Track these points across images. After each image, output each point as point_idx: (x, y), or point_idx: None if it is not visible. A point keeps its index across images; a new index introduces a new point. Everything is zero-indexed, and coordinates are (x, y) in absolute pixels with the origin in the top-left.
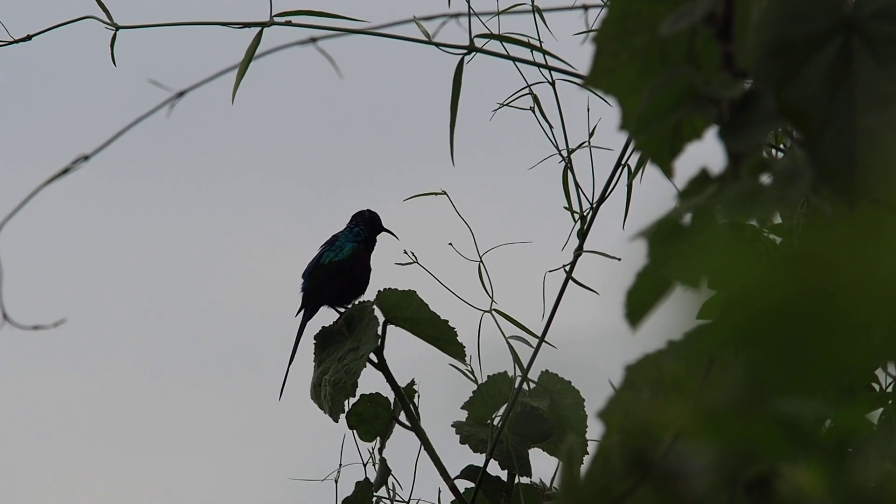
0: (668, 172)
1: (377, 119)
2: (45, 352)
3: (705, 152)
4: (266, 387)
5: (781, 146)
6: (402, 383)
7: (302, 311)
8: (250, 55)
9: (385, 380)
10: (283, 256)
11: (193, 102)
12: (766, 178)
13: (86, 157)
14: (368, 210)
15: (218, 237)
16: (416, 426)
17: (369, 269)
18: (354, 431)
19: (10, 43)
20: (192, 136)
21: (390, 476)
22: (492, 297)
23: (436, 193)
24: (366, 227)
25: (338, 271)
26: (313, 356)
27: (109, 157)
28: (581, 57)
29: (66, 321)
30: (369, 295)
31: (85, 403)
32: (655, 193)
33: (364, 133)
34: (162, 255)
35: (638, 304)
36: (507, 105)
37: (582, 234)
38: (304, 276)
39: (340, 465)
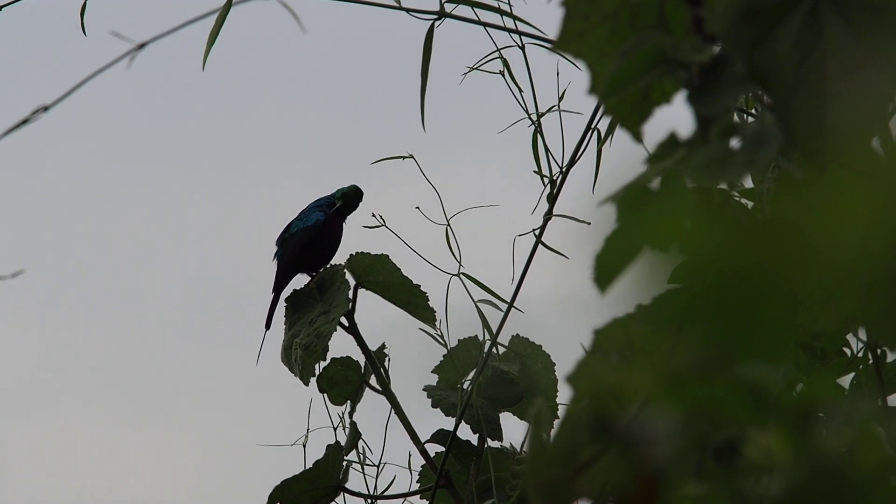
0: (637, 136)
1: (347, 84)
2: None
3: (674, 116)
4: (235, 352)
5: (752, 111)
6: (373, 347)
7: (275, 280)
8: (223, 17)
9: (356, 343)
10: (258, 217)
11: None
12: (735, 143)
13: (45, 108)
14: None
15: (192, 195)
16: (386, 390)
17: (339, 235)
18: (325, 395)
19: None
20: (156, 89)
21: (360, 440)
22: (460, 262)
23: (402, 157)
24: (332, 201)
25: (304, 238)
26: (284, 319)
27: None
28: (551, 21)
29: (23, 272)
30: (341, 258)
31: (53, 363)
32: (625, 158)
33: (334, 98)
34: (135, 210)
35: (607, 269)
36: (476, 69)
37: (551, 198)
38: (277, 244)
39: (308, 429)
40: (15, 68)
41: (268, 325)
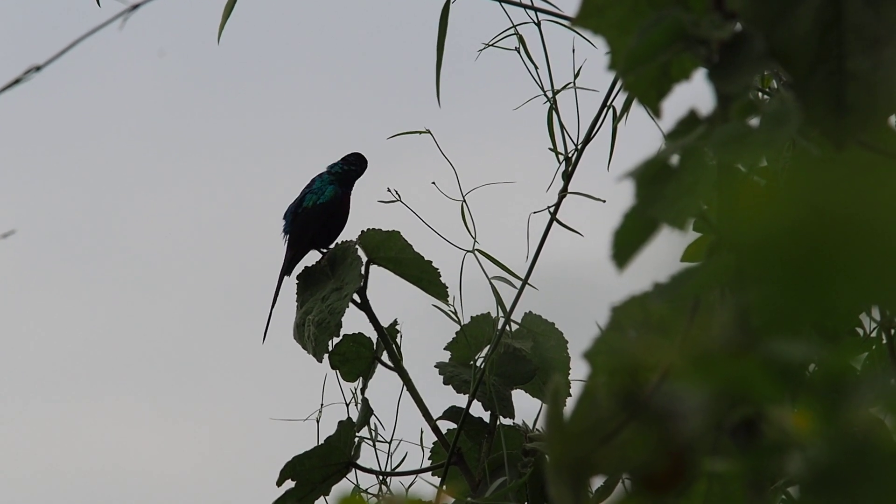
0: (656, 113)
1: (363, 59)
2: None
3: (694, 93)
4: (248, 328)
5: (769, 89)
6: (385, 323)
7: (286, 255)
8: None
9: (368, 320)
10: (271, 192)
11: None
12: (754, 121)
13: (38, 68)
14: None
15: (199, 172)
16: (398, 366)
17: (348, 209)
18: (337, 371)
19: None
20: (174, 64)
21: (372, 416)
22: (475, 238)
23: (419, 132)
24: (343, 168)
25: (321, 213)
26: (296, 296)
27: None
28: None
29: (14, 232)
30: (352, 234)
31: (63, 334)
32: (640, 135)
33: (350, 73)
34: (141, 189)
35: (624, 245)
36: (492, 45)
37: (567, 175)
38: (285, 218)
39: (322, 404)
40: (24, 35)
41: (274, 301)
